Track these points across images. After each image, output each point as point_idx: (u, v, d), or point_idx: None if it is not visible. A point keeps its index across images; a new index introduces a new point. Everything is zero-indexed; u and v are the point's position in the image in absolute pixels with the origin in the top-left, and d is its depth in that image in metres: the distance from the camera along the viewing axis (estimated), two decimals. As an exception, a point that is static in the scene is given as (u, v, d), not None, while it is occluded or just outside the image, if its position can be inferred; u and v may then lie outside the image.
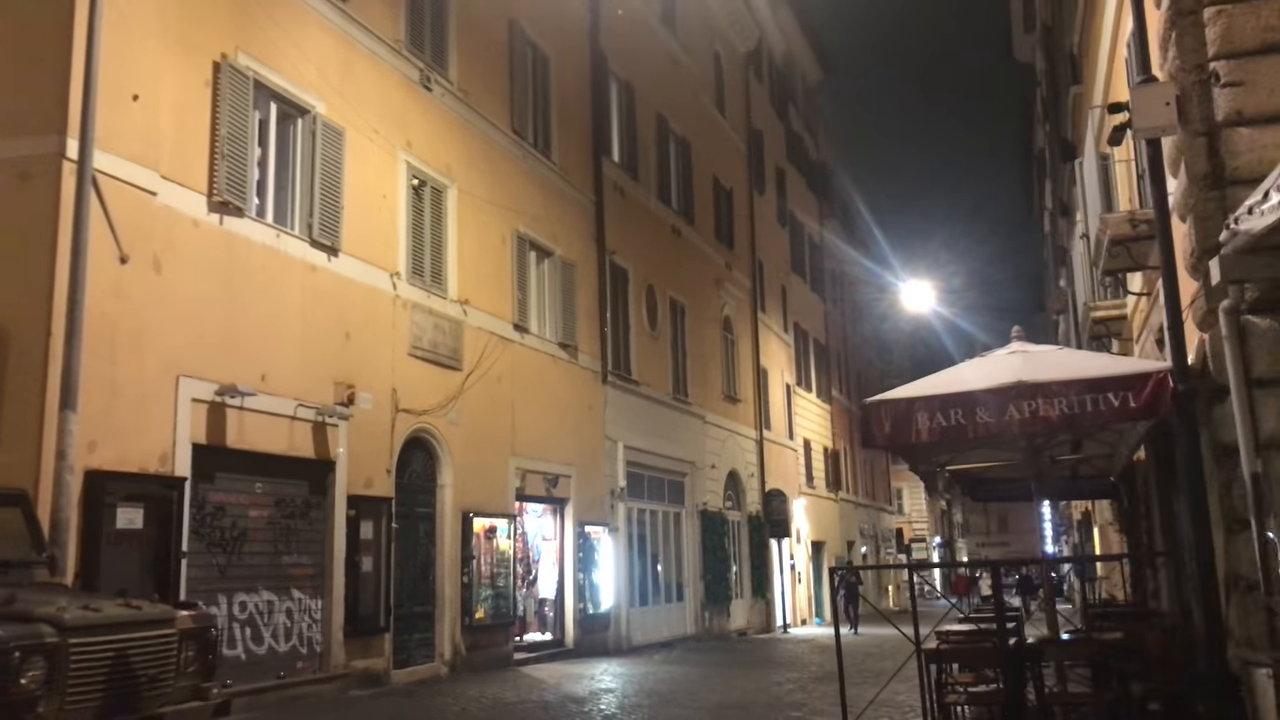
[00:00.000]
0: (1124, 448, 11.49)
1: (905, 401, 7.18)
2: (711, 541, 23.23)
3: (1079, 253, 13.17)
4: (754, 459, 27.32)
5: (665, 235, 22.66)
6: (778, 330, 31.09)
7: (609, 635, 18.34)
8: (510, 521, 15.54)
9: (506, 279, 16.04)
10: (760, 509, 27.25)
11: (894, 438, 7.14)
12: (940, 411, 7.05)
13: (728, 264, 26.40)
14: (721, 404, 25.18)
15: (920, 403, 7.12)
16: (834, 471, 37.12)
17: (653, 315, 21.49)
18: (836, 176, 43.14)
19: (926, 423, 7.08)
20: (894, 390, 7.66)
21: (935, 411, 7.06)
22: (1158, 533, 10.93)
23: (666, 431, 21.53)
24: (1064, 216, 21.48)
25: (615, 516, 18.98)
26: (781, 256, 32.62)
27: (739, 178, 28.25)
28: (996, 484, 14.38)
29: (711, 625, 22.96)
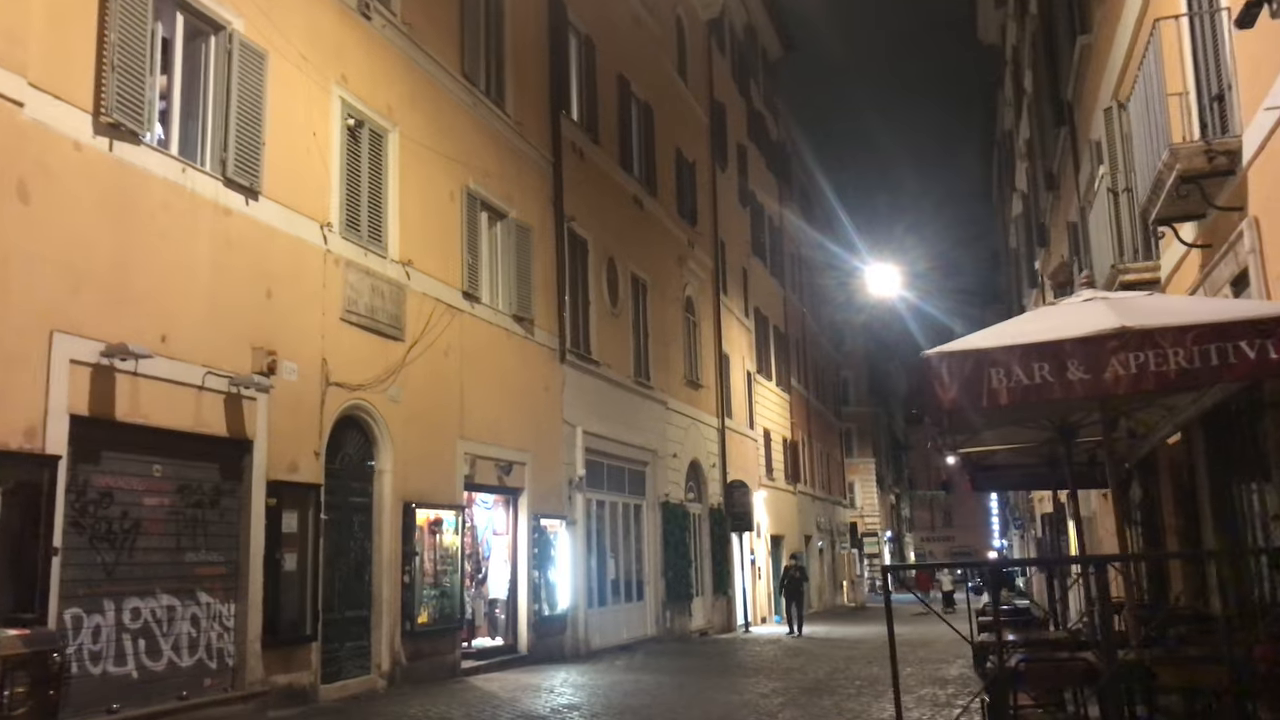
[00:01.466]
0: (1165, 427, 10.11)
1: (976, 354, 5.62)
2: (673, 536, 21.67)
3: (1099, 214, 11.77)
4: (716, 449, 25.81)
5: (627, 205, 21.02)
6: (739, 315, 29.62)
7: (566, 639, 16.67)
8: (458, 513, 13.80)
9: (455, 240, 14.28)
10: (722, 501, 25.75)
11: (962, 400, 5.59)
12: (1021, 366, 5.50)
13: (690, 241, 24.83)
14: (684, 389, 23.62)
15: (996, 355, 5.56)
16: (793, 463, 35.79)
17: (614, 291, 19.84)
18: (797, 158, 41.82)
19: (1003, 381, 5.52)
20: (958, 341, 6.10)
21: (1014, 366, 5.51)
22: (1207, 527, 9.54)
23: (628, 417, 19.91)
24: (1050, 190, 20.21)
25: (573, 508, 17.31)
26: (743, 238, 31.15)
27: (702, 151, 26.70)
28: (1003, 471, 12.99)
29: (673, 625, 21.40)
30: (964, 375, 5.59)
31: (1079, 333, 5.55)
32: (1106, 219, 11.29)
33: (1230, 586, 8.56)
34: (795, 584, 25.46)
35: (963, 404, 5.63)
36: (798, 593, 25.33)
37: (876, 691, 12.16)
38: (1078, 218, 14.69)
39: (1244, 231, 7.42)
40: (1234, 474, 8.98)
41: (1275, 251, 7.06)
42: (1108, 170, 11.16)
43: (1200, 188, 7.84)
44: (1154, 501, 12.64)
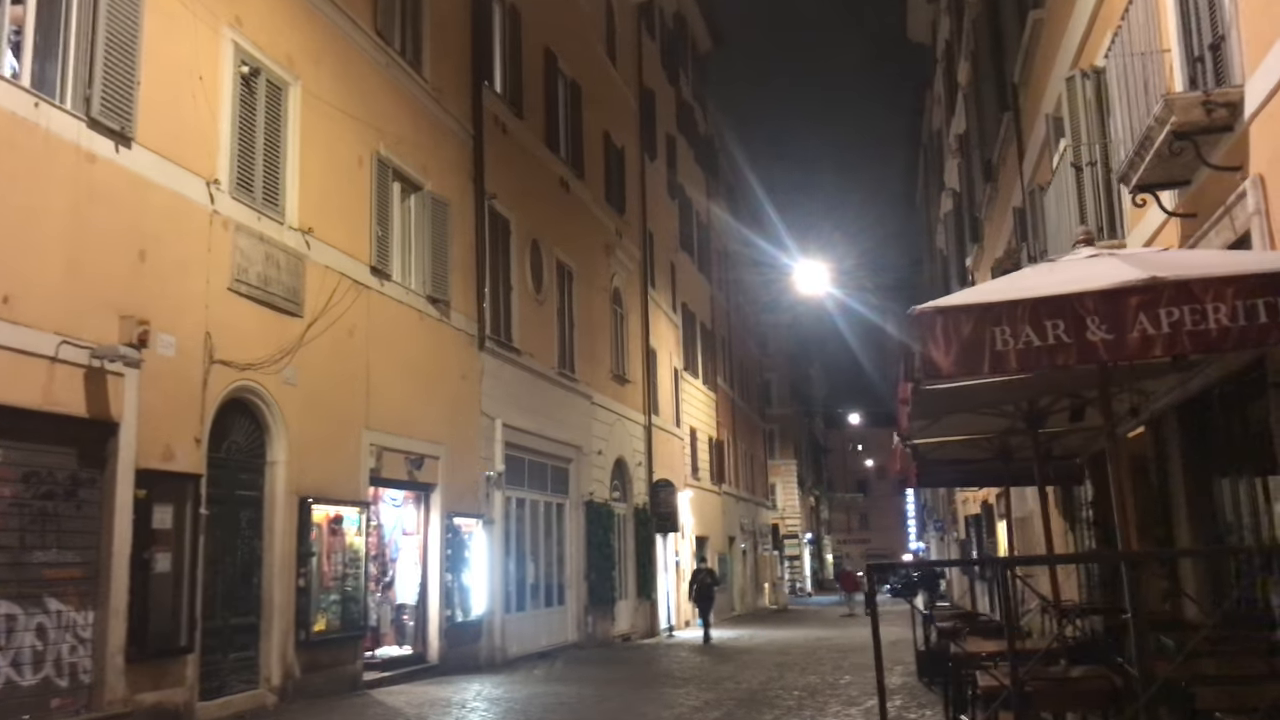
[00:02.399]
0: (1135, 417, 9.38)
1: (979, 310, 4.66)
2: (597, 536, 20.59)
3: (1059, 191, 11.06)
4: (642, 446, 24.81)
5: (553, 187, 19.89)
6: (667, 309, 28.69)
7: (481, 647, 15.48)
8: (362, 510, 12.54)
9: (363, 210, 13.03)
10: (647, 501, 24.77)
11: (962, 364, 4.63)
12: (1031, 325, 4.56)
13: (618, 231, 23.81)
14: (610, 384, 22.57)
15: (1001, 312, 4.61)
16: (718, 463, 35.00)
17: (538, 276, 18.70)
18: (725, 154, 41.11)
19: (1010, 343, 4.58)
20: (952, 296, 5.16)
21: (1023, 325, 4.57)
22: (1182, 525, 8.80)
23: (551, 410, 18.78)
24: (988, 181, 19.65)
25: (491, 507, 16.13)
26: (671, 231, 30.24)
27: (631, 138, 25.70)
28: (948, 466, 12.21)
29: (595, 631, 20.31)
30: (963, 336, 4.63)
31: (1099, 285, 4.64)
32: (1067, 195, 10.56)
33: (1226, 589, 7.79)
34: (705, 589, 23.48)
35: (962, 369, 4.67)
36: (707, 598, 23.39)
37: (818, 704, 11.25)
38: (1026, 203, 14.02)
39: (1247, 192, 6.63)
40: (1216, 466, 8.25)
41: (1284, 213, 6.29)
42: (1070, 143, 10.42)
43: (1195, 145, 7.04)
44: (1108, 500, 11.96)
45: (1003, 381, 7.12)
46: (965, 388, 7.11)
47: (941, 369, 4.65)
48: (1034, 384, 7.45)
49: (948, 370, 4.65)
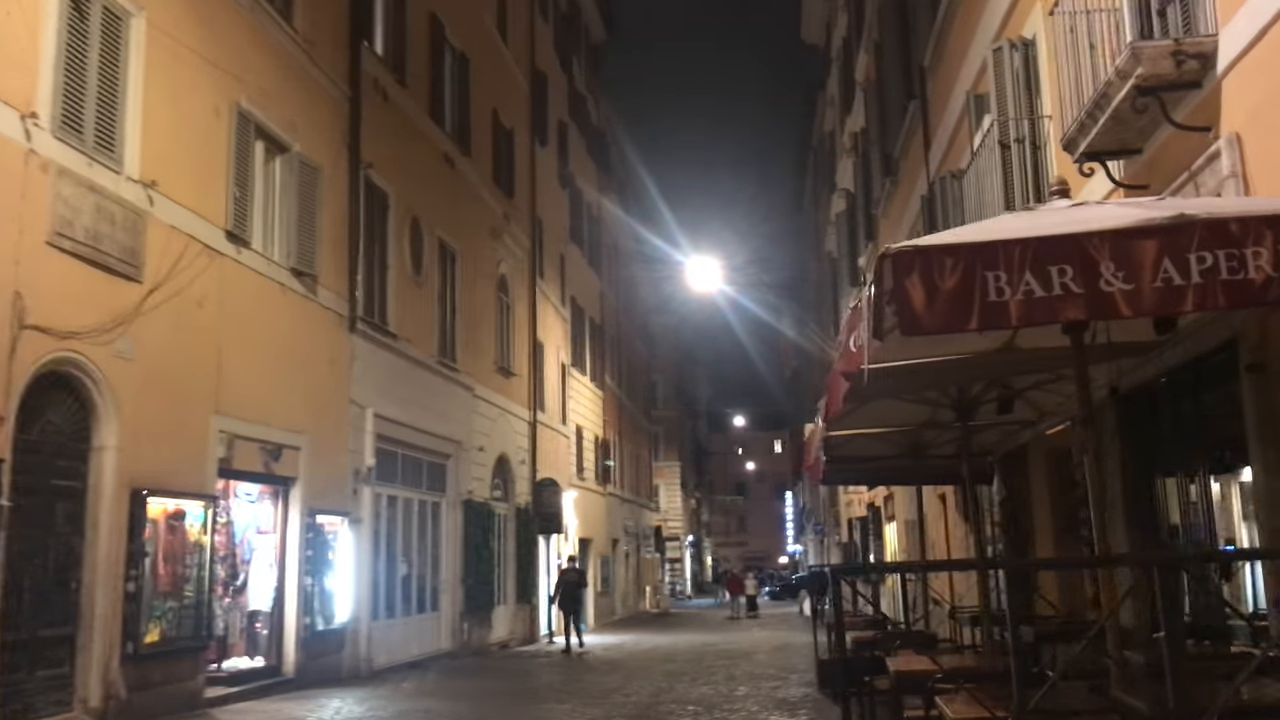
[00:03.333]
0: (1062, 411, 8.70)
1: (968, 251, 3.74)
2: (476, 538, 19.32)
3: (982, 172, 10.41)
4: (526, 443, 23.62)
5: (436, 163, 18.57)
6: (556, 302, 27.56)
7: (344, 657, 14.09)
8: (209, 505, 11.07)
9: (220, 167, 11.56)
10: (530, 501, 23.58)
11: (947, 316, 3.70)
12: (1033, 271, 3.67)
13: (506, 215, 22.58)
14: (494, 376, 21.32)
15: (996, 253, 3.70)
16: (603, 463, 34.00)
17: (417, 256, 17.35)
18: (617, 149, 40.20)
19: (1006, 291, 3.67)
20: (942, 234, 4.24)
21: (1022, 271, 3.67)
22: (1117, 528, 8.13)
23: (429, 402, 17.45)
24: (888, 175, 19.18)
25: (359, 504, 14.75)
26: (561, 221, 29.12)
27: (521, 120, 24.49)
28: (855, 463, 11.46)
29: (471, 638, 19.03)
30: (949, 282, 3.70)
31: (1113, 224, 3.76)
32: (992, 175, 9.89)
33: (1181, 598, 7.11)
34: (573, 590, 21.45)
35: (945, 322, 3.73)
36: (575, 601, 21.48)
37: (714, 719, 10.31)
38: (936, 190, 13.41)
39: (1221, 153, 5.93)
40: (1160, 463, 7.61)
41: (1264, 176, 5.60)
42: (995, 119, 9.76)
43: (1160, 102, 6.33)
44: (1020, 501, 11.37)
45: (938, 363, 6.31)
46: (905, 368, 6.28)
47: (922, 322, 3.71)
48: (969, 369, 6.66)
49: (929, 324, 3.71)
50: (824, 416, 6.60)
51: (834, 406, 6.21)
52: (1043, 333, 6.01)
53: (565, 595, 21.10)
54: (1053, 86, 9.24)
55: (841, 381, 5.74)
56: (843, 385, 5.64)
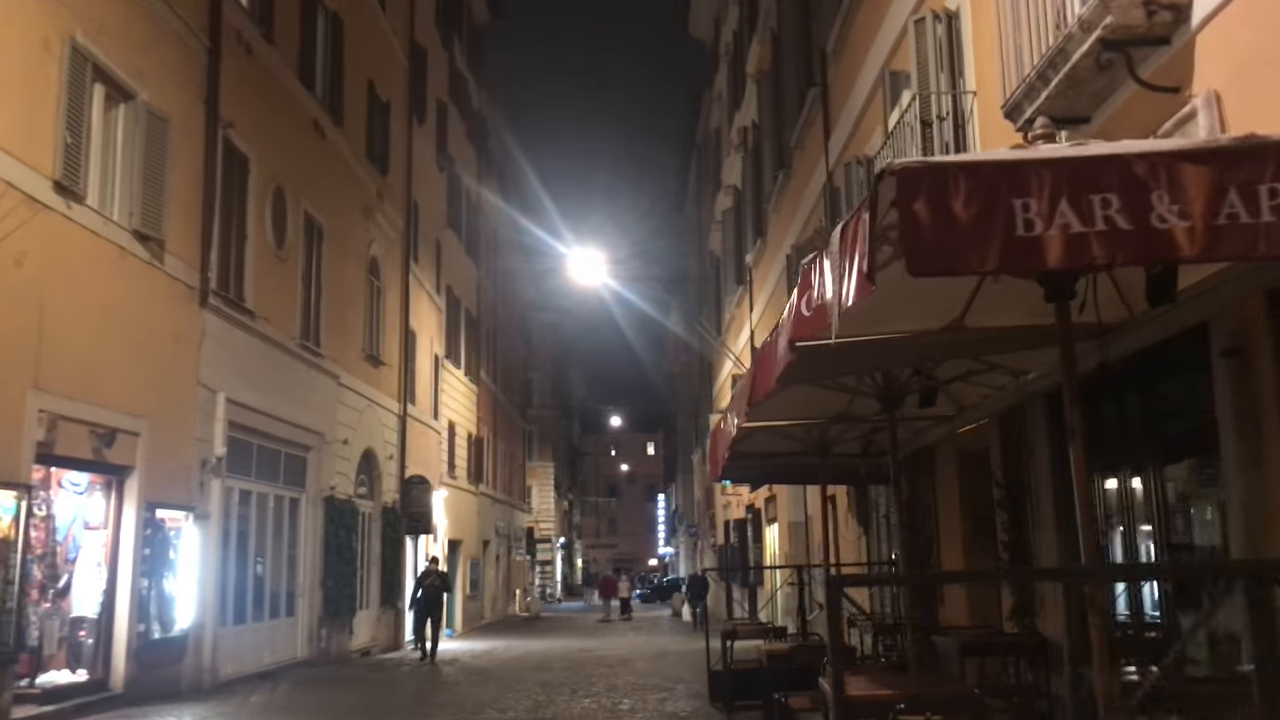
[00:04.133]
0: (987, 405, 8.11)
1: (992, 170, 2.94)
2: (337, 538, 17.94)
3: (896, 153, 9.81)
4: (395, 438, 22.26)
5: (304, 130, 17.14)
6: (430, 289, 26.22)
7: (184, 668, 12.64)
8: (22, 495, 9.56)
9: (48, 108, 10.07)
10: (398, 499, 22.24)
11: (964, 251, 2.88)
12: (1070, 200, 2.89)
13: (379, 193, 21.21)
14: (361, 365, 19.94)
15: (1028, 175, 2.91)
16: (476, 461, 32.74)
17: (280, 229, 15.92)
18: (498, 136, 38.94)
19: (1037, 223, 2.88)
20: (965, 155, 3.43)
21: (1057, 198, 2.88)
22: (1045, 533, 7.55)
23: (289, 388, 16.04)
24: (782, 168, 18.67)
25: (207, 498, 13.30)
26: (438, 205, 27.79)
27: (398, 94, 23.13)
28: (755, 460, 10.74)
29: (330, 645, 17.65)
30: (966, 209, 2.88)
31: (1167, 148, 3.01)
32: (911, 155, 9.29)
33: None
34: (435, 594, 19.58)
35: (963, 259, 2.92)
36: (437, 606, 19.44)
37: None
38: (843, 178, 12.84)
39: (1198, 113, 5.33)
40: (1100, 463, 7.04)
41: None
42: (916, 93, 9.16)
43: (1128, 57, 5.72)
44: (924, 504, 10.83)
45: (881, 342, 5.57)
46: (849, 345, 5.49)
47: (933, 257, 2.89)
48: (911, 350, 5.94)
49: (940, 261, 2.89)
50: (750, 400, 5.77)
51: (764, 387, 5.40)
52: (999, 308, 5.34)
53: (426, 600, 19.35)
54: (982, 58, 8.69)
55: (777, 357, 4.94)
56: (779, 362, 4.83)
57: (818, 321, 4.02)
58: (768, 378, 5.30)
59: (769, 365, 5.30)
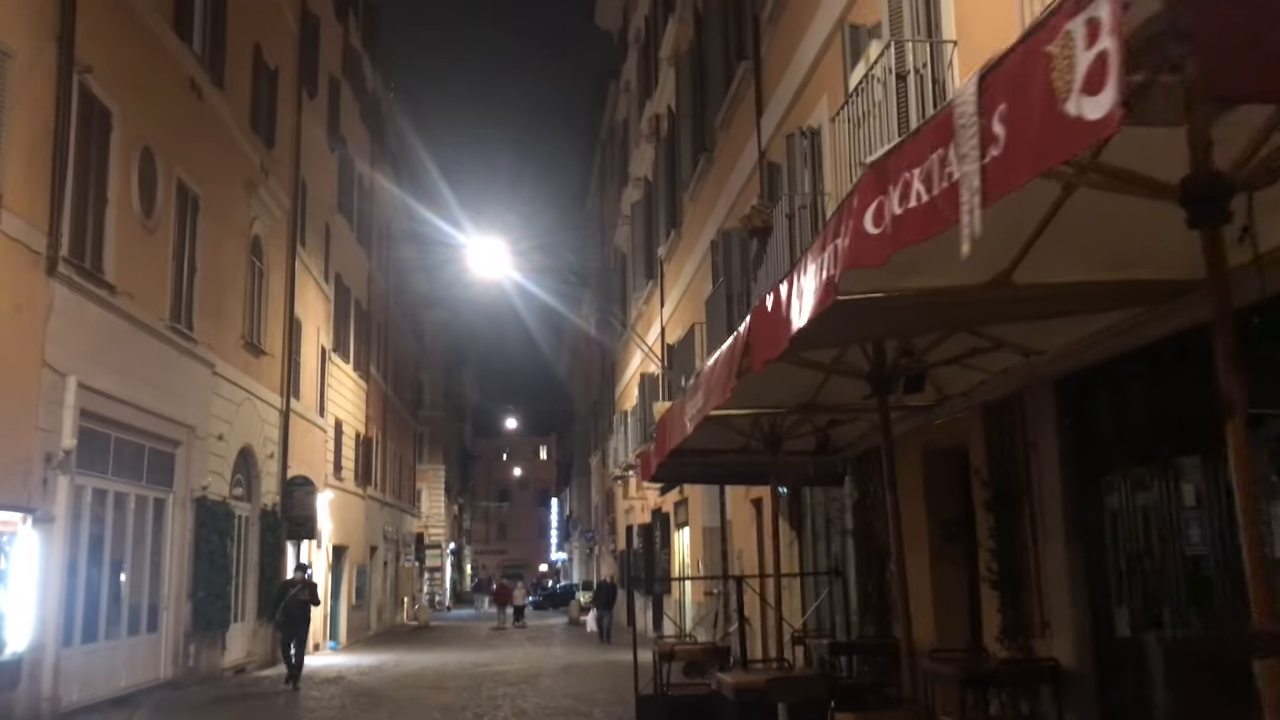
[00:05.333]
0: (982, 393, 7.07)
1: None
2: (209, 543, 16.11)
3: (862, 115, 8.77)
4: (277, 435, 20.42)
5: (180, 88, 15.33)
6: (318, 276, 24.37)
7: (17, 696, 10.78)
8: None
9: None
10: (278, 501, 20.40)
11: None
12: None
13: (264, 167, 19.39)
14: (240, 353, 18.10)
15: None
16: (364, 463, 30.84)
17: (149, 195, 14.11)
18: (393, 122, 37.08)
19: None
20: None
21: None
22: (1051, 542, 6.52)
23: (156, 375, 14.22)
24: (704, 152, 17.62)
25: (51, 497, 11.45)
26: (329, 188, 25.94)
27: (288, 62, 21.32)
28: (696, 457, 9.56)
29: (199, 663, 15.82)
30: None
31: None
32: (884, 114, 8.28)
33: None
34: (301, 609, 16.64)
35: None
36: (303, 622, 16.64)
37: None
38: (789, 149, 11.78)
39: None
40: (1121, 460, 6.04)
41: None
42: (890, 43, 8.15)
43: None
44: (879, 507, 9.76)
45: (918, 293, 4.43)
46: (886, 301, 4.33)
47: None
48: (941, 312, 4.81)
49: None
50: (738, 371, 4.57)
51: (769, 349, 4.18)
52: (1059, 260, 4.27)
53: (289, 616, 16.44)
54: (964, 6, 7.73)
55: (799, 307, 3.75)
56: (809, 309, 3.63)
57: (895, 239, 2.83)
58: (773, 339, 4.10)
59: (775, 324, 4.10)
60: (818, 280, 3.53)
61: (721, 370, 4.82)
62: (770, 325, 4.15)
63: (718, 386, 5.01)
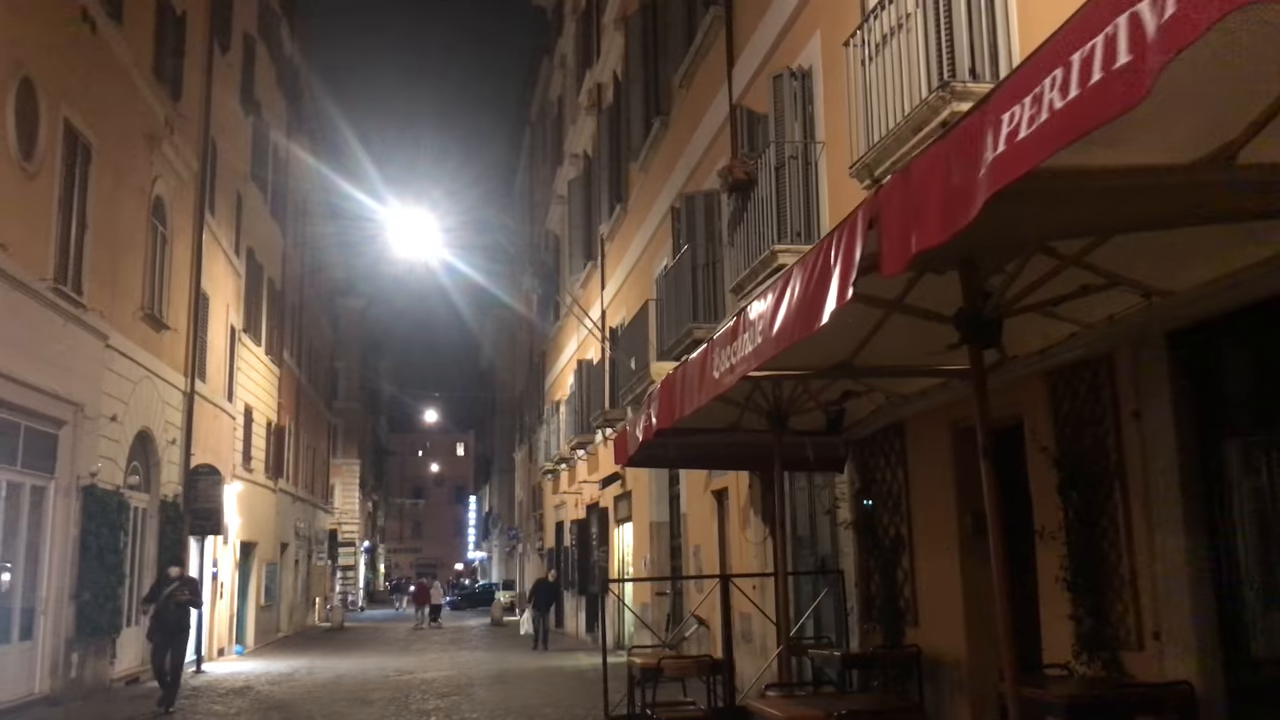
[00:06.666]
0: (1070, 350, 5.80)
1: None
2: (99, 538, 14.19)
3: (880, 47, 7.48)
4: (180, 419, 18.46)
5: (70, 18, 13.40)
6: (228, 249, 22.36)
7: None
8: None
9: None
10: (180, 492, 18.45)
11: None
12: None
13: (169, 122, 17.43)
14: (138, 325, 16.16)
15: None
16: (276, 454, 28.78)
17: (29, 135, 12.20)
18: (311, 93, 34.94)
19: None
20: None
21: None
22: (1164, 530, 5.29)
23: (35, 344, 12.31)
24: (657, 115, 16.30)
25: (-101, 482, 9.57)
26: (241, 154, 23.92)
27: (198, 7, 19.35)
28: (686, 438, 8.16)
29: (84, 674, 13.90)
30: None
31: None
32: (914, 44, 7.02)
33: None
34: (180, 614, 13.36)
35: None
36: (181, 631, 13.45)
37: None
38: (769, 97, 10.46)
39: None
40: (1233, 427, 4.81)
41: None
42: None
43: None
44: (888, 496, 8.48)
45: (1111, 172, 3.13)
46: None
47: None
48: (1139, 201, 3.49)
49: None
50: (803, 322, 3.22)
51: (925, 237, 2.81)
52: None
53: (164, 623, 13.24)
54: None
55: (957, 189, 2.38)
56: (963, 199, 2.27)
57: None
58: (931, 214, 2.73)
59: (931, 194, 2.73)
60: (1018, 133, 2.19)
61: (814, 285, 3.42)
62: (923, 196, 2.77)
63: (797, 315, 3.61)
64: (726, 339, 4.63)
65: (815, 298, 3.40)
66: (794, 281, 3.77)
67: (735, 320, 4.58)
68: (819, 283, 3.37)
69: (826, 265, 3.33)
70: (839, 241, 3.24)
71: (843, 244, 3.18)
